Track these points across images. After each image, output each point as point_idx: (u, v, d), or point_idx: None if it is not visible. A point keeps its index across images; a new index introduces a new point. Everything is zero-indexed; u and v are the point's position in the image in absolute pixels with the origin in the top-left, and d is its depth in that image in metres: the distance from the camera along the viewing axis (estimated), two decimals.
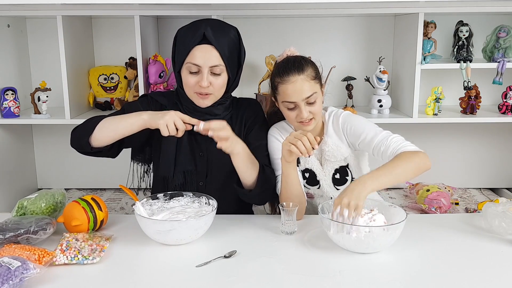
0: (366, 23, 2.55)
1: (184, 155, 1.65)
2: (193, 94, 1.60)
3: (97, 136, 1.51)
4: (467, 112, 2.38)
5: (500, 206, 1.51)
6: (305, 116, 1.57)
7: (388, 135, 1.58)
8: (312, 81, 1.57)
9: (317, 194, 1.71)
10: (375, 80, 2.36)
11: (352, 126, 1.63)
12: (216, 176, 1.67)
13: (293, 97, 1.56)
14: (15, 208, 1.56)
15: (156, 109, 1.68)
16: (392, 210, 1.46)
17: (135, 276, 1.26)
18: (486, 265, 1.30)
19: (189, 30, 1.58)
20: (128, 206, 2.47)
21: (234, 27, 1.64)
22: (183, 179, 1.66)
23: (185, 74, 1.59)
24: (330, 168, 1.68)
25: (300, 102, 1.56)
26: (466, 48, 2.29)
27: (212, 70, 1.56)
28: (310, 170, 1.70)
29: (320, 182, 1.69)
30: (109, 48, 2.59)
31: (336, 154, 1.65)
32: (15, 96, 2.33)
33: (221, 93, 1.62)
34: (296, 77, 1.55)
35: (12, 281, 1.12)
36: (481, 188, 2.73)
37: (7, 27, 2.40)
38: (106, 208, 1.54)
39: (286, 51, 1.66)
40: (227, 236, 1.48)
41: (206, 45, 1.55)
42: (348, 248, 1.36)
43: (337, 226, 1.35)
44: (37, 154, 2.71)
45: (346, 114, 1.67)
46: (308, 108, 1.57)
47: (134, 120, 1.50)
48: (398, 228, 1.34)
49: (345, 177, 1.68)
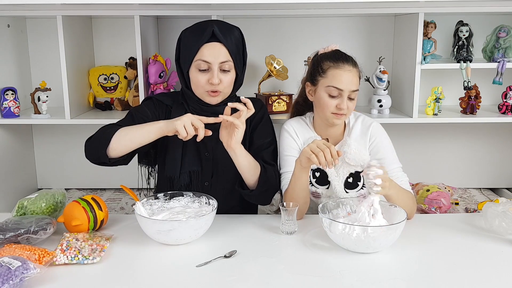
0: (366, 23, 2.55)
1: (190, 155, 1.66)
2: (204, 93, 1.61)
3: (115, 147, 1.50)
4: (467, 112, 2.38)
5: (500, 206, 1.51)
6: (345, 107, 1.60)
7: (401, 168, 1.67)
8: (359, 79, 1.64)
9: (325, 194, 1.70)
10: (375, 80, 2.36)
11: (379, 141, 1.67)
12: (221, 177, 1.68)
13: (342, 85, 1.60)
14: (15, 208, 1.56)
15: (162, 110, 1.69)
16: (393, 210, 1.46)
17: (135, 276, 1.26)
18: (486, 265, 1.30)
19: (196, 30, 1.60)
20: (128, 206, 2.47)
21: (237, 27, 1.66)
22: (188, 179, 1.66)
23: (194, 73, 1.60)
24: (345, 171, 1.68)
25: (346, 92, 1.60)
26: (466, 48, 2.29)
27: (221, 67, 1.58)
28: (322, 170, 1.69)
29: (332, 183, 1.68)
30: (109, 48, 2.59)
31: (357, 158, 1.65)
32: (15, 96, 2.33)
33: (229, 91, 1.64)
34: (351, 68, 1.62)
35: (13, 281, 1.12)
36: (481, 188, 2.73)
37: (7, 27, 2.40)
38: (106, 208, 1.54)
39: (332, 45, 1.71)
40: (227, 236, 1.48)
41: (215, 43, 1.57)
42: (348, 248, 1.36)
43: (337, 226, 1.35)
44: (37, 154, 2.71)
45: (378, 125, 1.71)
46: (348, 102, 1.61)
47: (151, 128, 1.50)
48: (398, 228, 1.34)
49: (357, 182, 1.69)
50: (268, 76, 2.46)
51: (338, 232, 1.35)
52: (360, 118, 1.72)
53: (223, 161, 1.64)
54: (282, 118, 2.24)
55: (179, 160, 1.66)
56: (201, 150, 1.68)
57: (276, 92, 2.46)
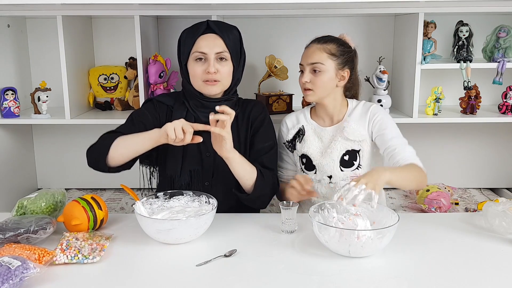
0: (366, 23, 2.55)
1: (191, 154, 1.68)
2: (202, 84, 1.63)
3: (113, 156, 1.53)
4: (467, 112, 2.38)
5: (500, 206, 1.51)
6: (304, 79, 1.71)
7: (405, 143, 1.70)
8: (326, 54, 1.70)
9: (314, 179, 1.76)
10: (375, 80, 2.36)
11: (380, 119, 1.73)
12: (222, 177, 1.69)
13: (302, 59, 1.75)
14: (15, 208, 1.56)
15: (163, 111, 1.71)
16: (381, 213, 1.42)
17: (135, 275, 1.26)
18: (486, 265, 1.30)
19: (193, 27, 1.66)
20: (128, 206, 2.47)
21: (235, 26, 1.71)
22: (189, 179, 1.67)
23: (192, 64, 1.64)
24: (342, 147, 1.73)
25: (306, 66, 1.72)
26: (466, 48, 2.29)
27: (218, 57, 1.62)
28: (307, 156, 1.76)
29: (323, 163, 1.75)
30: (109, 48, 2.59)
31: (355, 133, 1.72)
32: (15, 96, 2.33)
33: (228, 82, 1.66)
34: (314, 45, 1.74)
35: (12, 280, 1.12)
36: (481, 188, 2.73)
37: (7, 27, 2.40)
38: (106, 207, 1.54)
39: (342, 34, 1.82)
40: (227, 235, 1.48)
41: (210, 34, 1.63)
42: (336, 252, 1.34)
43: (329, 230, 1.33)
44: (37, 154, 2.70)
45: (378, 106, 1.79)
46: (311, 76, 1.70)
47: (145, 138, 1.52)
48: (387, 233, 1.30)
49: (353, 161, 1.73)
50: (268, 76, 2.46)
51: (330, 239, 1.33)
52: (362, 103, 1.80)
53: (224, 162, 1.64)
54: (282, 118, 2.23)
55: (180, 159, 1.67)
56: (202, 150, 1.69)
57: (276, 92, 2.46)
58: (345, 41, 1.78)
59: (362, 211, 1.43)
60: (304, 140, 1.79)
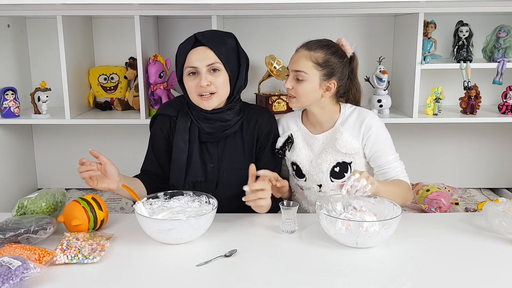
0: (366, 23, 2.55)
1: (195, 165, 1.67)
2: (197, 98, 1.62)
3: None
4: (467, 112, 2.38)
5: (500, 206, 1.51)
6: (286, 85, 1.66)
7: (397, 158, 1.70)
8: (312, 63, 1.63)
9: (304, 186, 1.75)
10: (375, 80, 2.36)
11: (374, 135, 1.67)
12: (225, 188, 1.69)
13: (289, 64, 1.69)
14: (15, 208, 1.55)
15: (165, 125, 1.73)
16: (383, 205, 1.49)
17: (136, 275, 1.26)
18: (486, 264, 1.30)
19: (184, 42, 1.65)
20: (128, 206, 2.47)
21: (230, 33, 1.68)
22: (192, 189, 1.66)
23: (186, 79, 1.63)
24: (332, 159, 1.68)
25: (291, 71, 1.67)
26: (466, 48, 2.29)
27: (210, 68, 1.59)
28: (297, 164, 1.74)
29: (312, 173, 1.71)
30: (109, 48, 2.59)
31: (347, 146, 1.65)
32: (15, 96, 2.33)
33: (225, 93, 1.63)
34: (302, 51, 1.66)
35: (13, 280, 1.12)
36: (481, 188, 2.73)
37: (7, 27, 2.40)
38: (106, 207, 1.54)
39: (340, 39, 1.75)
40: (227, 235, 1.48)
41: (199, 47, 1.60)
42: (344, 243, 1.38)
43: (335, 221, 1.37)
44: (37, 154, 2.71)
45: (373, 117, 1.69)
46: (294, 83, 1.65)
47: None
48: (392, 223, 1.36)
49: (344, 172, 1.69)
50: (268, 76, 2.46)
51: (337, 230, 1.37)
52: (356, 110, 1.72)
53: (228, 173, 1.67)
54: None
55: (184, 169, 1.67)
56: (207, 161, 1.69)
57: (276, 92, 2.46)
58: (342, 47, 1.70)
59: (365, 205, 1.50)
60: (294, 148, 1.73)
